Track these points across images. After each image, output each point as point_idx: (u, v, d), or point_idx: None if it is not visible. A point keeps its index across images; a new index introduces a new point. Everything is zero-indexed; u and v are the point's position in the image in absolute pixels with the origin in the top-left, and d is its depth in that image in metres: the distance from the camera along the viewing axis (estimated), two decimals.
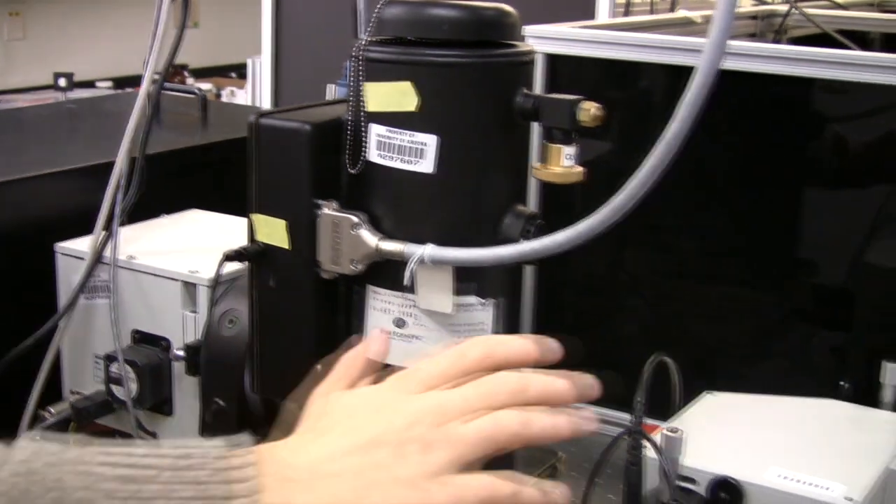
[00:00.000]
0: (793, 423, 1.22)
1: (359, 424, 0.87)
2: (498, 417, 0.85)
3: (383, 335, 1.09)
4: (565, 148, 1.12)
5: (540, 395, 0.88)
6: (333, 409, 0.91)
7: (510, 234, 1.14)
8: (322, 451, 0.85)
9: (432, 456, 0.83)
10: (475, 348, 0.91)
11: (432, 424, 0.85)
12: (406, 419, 0.85)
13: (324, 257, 1.16)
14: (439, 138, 1.11)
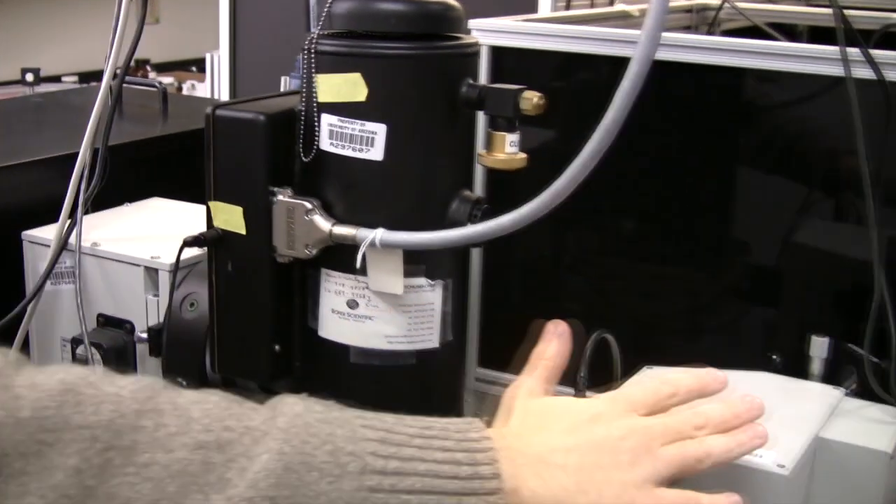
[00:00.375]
0: (727, 394, 1.22)
1: (579, 428, 0.93)
2: (685, 446, 0.94)
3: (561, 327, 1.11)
4: (509, 135, 1.12)
5: (718, 427, 0.97)
6: (548, 410, 0.97)
7: (457, 218, 1.14)
8: (547, 445, 0.91)
9: (639, 468, 0.91)
10: (666, 387, 1.00)
11: (640, 442, 0.92)
12: (620, 432, 0.92)
13: (279, 242, 1.15)
14: (388, 127, 1.10)
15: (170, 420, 0.78)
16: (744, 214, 1.60)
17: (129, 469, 0.75)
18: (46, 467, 0.73)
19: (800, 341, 1.34)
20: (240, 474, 0.77)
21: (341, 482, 0.80)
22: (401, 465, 0.82)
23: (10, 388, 0.75)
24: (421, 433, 0.86)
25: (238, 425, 0.80)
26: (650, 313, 1.62)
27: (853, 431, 1.17)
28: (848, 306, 1.47)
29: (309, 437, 0.81)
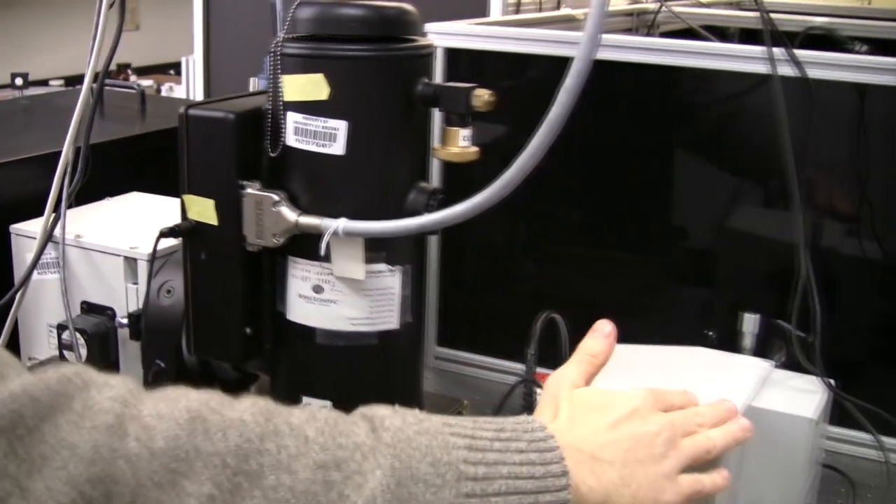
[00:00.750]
0: (665, 368, 1.22)
1: (621, 424, 0.95)
2: (697, 440, 0.98)
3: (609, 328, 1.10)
4: (462, 130, 1.12)
5: (713, 423, 1.01)
6: (591, 403, 0.97)
7: (415, 207, 1.13)
8: (597, 441, 0.92)
9: (668, 461, 0.94)
10: (679, 396, 1.03)
11: (668, 437, 0.95)
12: (655, 427, 0.95)
13: (248, 232, 1.15)
14: (349, 124, 1.10)
15: (290, 441, 0.77)
16: (681, 202, 1.61)
17: (257, 492, 0.74)
18: (180, 495, 0.71)
19: (732, 318, 1.35)
20: (357, 491, 0.77)
21: (442, 492, 0.80)
22: (488, 470, 0.83)
23: (140, 419, 0.72)
24: (497, 436, 0.86)
25: (348, 442, 0.79)
26: (595, 294, 1.63)
27: (781, 400, 1.18)
28: (776, 285, 1.48)
29: (412, 450, 0.80)
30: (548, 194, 1.61)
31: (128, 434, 0.71)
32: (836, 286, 1.50)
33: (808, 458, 1.16)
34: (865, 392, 1.34)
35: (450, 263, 1.67)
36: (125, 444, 0.70)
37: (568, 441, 0.89)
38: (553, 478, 0.86)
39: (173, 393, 0.77)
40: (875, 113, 1.42)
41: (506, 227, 1.68)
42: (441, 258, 1.65)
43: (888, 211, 1.46)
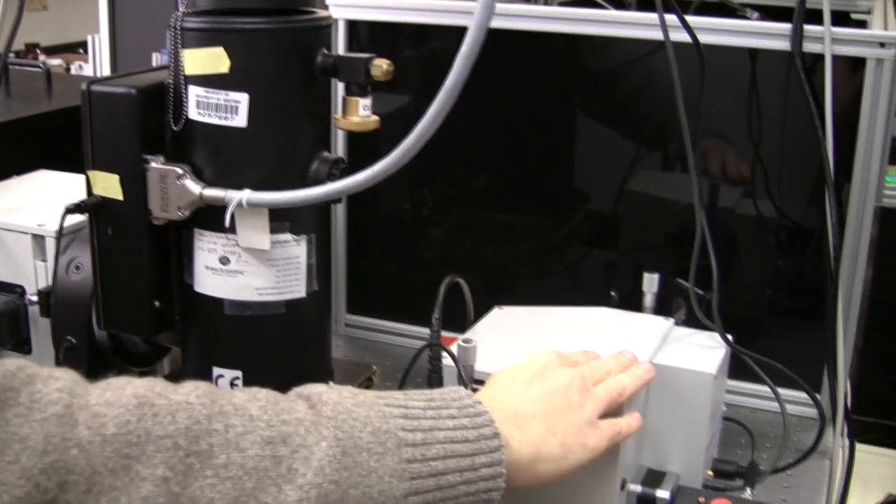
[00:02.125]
0: (570, 329, 1.23)
1: (534, 381, 1.01)
2: (608, 385, 1.04)
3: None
4: (361, 100, 1.12)
5: (618, 371, 1.08)
6: (503, 374, 1.03)
7: (318, 177, 1.13)
8: (516, 399, 0.98)
9: (586, 408, 1.00)
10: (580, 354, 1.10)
11: (581, 386, 1.01)
12: (566, 379, 1.01)
13: (154, 206, 1.14)
14: (250, 96, 1.09)
15: (236, 421, 0.78)
16: (584, 167, 1.62)
17: (209, 472, 0.74)
18: (134, 479, 0.72)
19: (635, 279, 1.36)
20: (305, 463, 0.78)
21: (385, 458, 0.82)
22: (425, 435, 0.86)
23: (89, 407, 0.72)
24: (429, 405, 0.89)
25: (291, 418, 0.80)
26: (501, 258, 1.64)
27: (682, 356, 1.19)
28: (676, 246, 1.50)
29: (353, 421, 0.82)
30: (452, 161, 1.61)
31: (78, 423, 0.71)
32: (733, 245, 1.52)
33: (709, 412, 1.18)
34: (763, 346, 1.36)
35: (357, 232, 1.67)
36: (76, 432, 0.70)
37: (490, 405, 0.93)
38: (486, 440, 0.89)
39: (117, 382, 0.77)
40: (766, 77, 1.44)
41: (412, 194, 1.68)
42: (348, 227, 1.65)
43: (781, 171, 1.48)
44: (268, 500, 0.76)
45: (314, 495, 0.77)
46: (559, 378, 1.01)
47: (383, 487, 0.82)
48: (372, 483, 0.81)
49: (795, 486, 1.33)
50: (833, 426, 1.40)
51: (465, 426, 0.88)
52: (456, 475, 0.86)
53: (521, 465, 0.93)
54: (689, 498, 1.13)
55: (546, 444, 0.95)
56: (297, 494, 0.77)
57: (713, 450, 1.28)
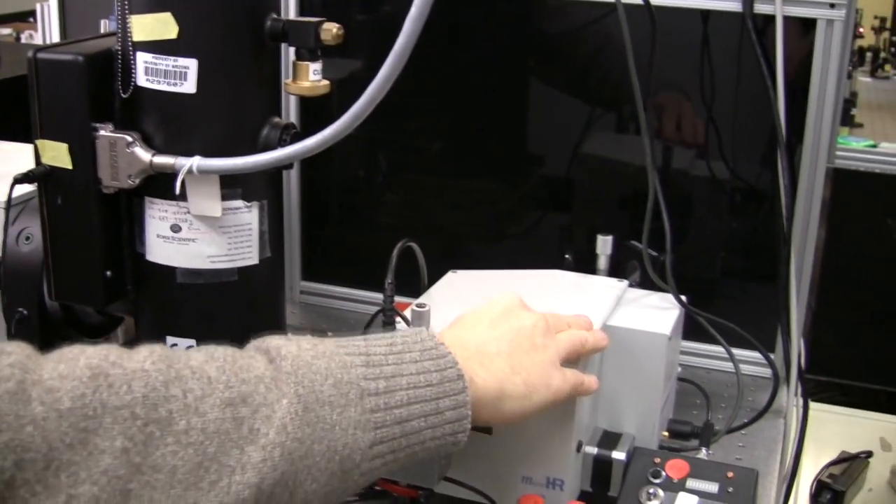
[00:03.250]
0: (525, 291, 1.22)
1: (498, 322, 1.01)
2: (570, 334, 1.05)
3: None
4: (312, 64, 1.11)
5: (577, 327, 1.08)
6: (468, 316, 1.03)
7: (268, 142, 1.12)
8: (480, 339, 0.98)
9: (549, 349, 1.00)
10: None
11: (545, 329, 1.02)
12: (530, 321, 1.01)
13: (104, 174, 1.12)
14: (199, 62, 1.07)
15: (194, 384, 0.76)
16: (538, 130, 1.61)
17: (170, 439, 0.73)
18: (93, 453, 0.70)
19: (590, 242, 1.36)
20: (266, 422, 0.77)
21: (348, 410, 0.82)
22: (388, 383, 0.85)
23: (42, 382, 0.70)
24: (390, 350, 0.88)
25: (250, 376, 0.79)
26: (457, 223, 1.63)
27: (636, 318, 1.19)
28: (631, 208, 1.50)
29: (313, 374, 0.81)
30: (407, 127, 1.60)
31: (31, 399, 0.69)
32: (687, 207, 1.52)
33: (663, 373, 1.18)
34: (717, 307, 1.36)
35: (312, 198, 1.66)
36: (30, 409, 0.68)
37: (453, 345, 0.93)
38: (450, 382, 0.89)
39: (70, 352, 0.75)
40: (718, 39, 1.44)
41: (366, 160, 1.67)
42: (302, 193, 1.64)
43: (734, 133, 1.48)
44: (230, 462, 0.75)
45: (277, 454, 0.77)
46: (523, 319, 1.02)
47: (348, 440, 0.81)
48: (336, 436, 0.81)
49: (750, 445, 1.33)
50: (787, 385, 1.41)
51: (428, 370, 0.88)
52: (420, 420, 0.86)
53: (486, 402, 0.93)
54: (645, 459, 1.13)
55: (510, 382, 0.95)
56: (260, 455, 0.76)
57: (668, 411, 1.28)
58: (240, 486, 0.75)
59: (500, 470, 1.11)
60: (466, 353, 0.93)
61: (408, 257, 1.19)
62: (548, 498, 1.08)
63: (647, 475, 1.10)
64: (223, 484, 0.74)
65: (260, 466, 0.76)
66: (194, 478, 0.73)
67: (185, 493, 0.73)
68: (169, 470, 0.72)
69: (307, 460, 0.79)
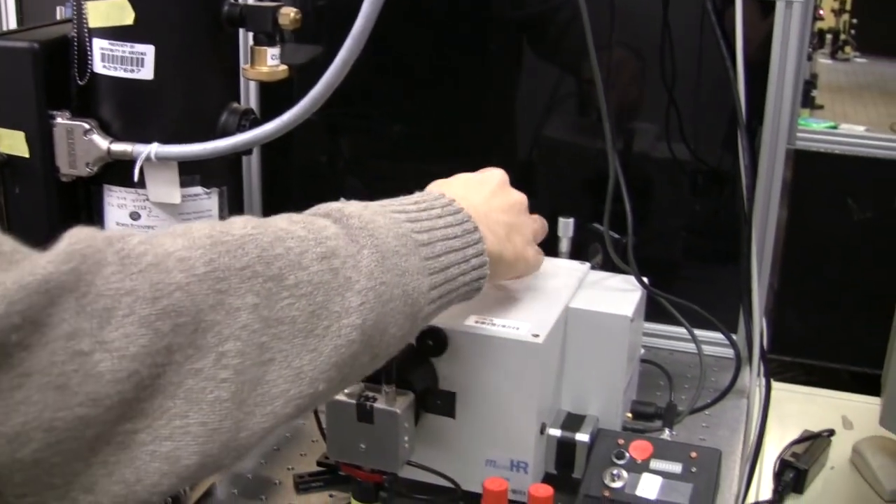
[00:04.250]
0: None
1: (497, 193, 1.10)
2: (538, 218, 1.18)
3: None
4: (270, 49, 1.10)
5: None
6: (468, 178, 1.12)
7: (227, 128, 1.11)
8: (487, 205, 1.06)
9: (527, 228, 1.13)
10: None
11: (525, 208, 1.14)
12: (518, 197, 1.13)
13: (61, 162, 1.11)
14: (156, 48, 1.06)
15: (292, 243, 0.81)
16: (501, 114, 1.61)
17: (285, 293, 0.78)
18: (230, 311, 0.74)
19: (552, 225, 1.36)
20: (356, 270, 0.83)
21: (410, 259, 0.89)
22: (429, 235, 0.93)
23: (173, 254, 0.73)
24: (419, 207, 0.96)
25: (329, 233, 0.84)
26: None
27: (598, 300, 1.19)
28: (592, 191, 1.50)
29: (378, 228, 0.88)
30: (368, 112, 1.60)
31: (171, 269, 0.72)
32: (648, 189, 1.53)
33: (626, 355, 1.18)
34: (679, 288, 1.37)
35: (274, 185, 1.65)
36: (173, 277, 0.72)
37: (467, 204, 1.01)
38: (469, 234, 0.98)
39: (174, 231, 0.78)
40: (678, 20, 1.44)
41: (327, 145, 1.66)
42: (264, 180, 1.63)
43: (695, 114, 1.49)
44: (336, 308, 0.81)
45: (372, 297, 0.83)
46: (514, 195, 1.12)
47: (416, 284, 0.89)
48: (408, 281, 0.88)
49: (714, 425, 1.34)
50: (749, 366, 1.41)
51: (451, 224, 0.96)
52: (455, 267, 0.95)
53: (491, 258, 1.01)
54: (609, 440, 1.13)
55: (506, 249, 1.05)
56: (358, 299, 0.82)
57: (632, 392, 1.28)
58: (348, 328, 0.81)
59: (463, 453, 1.11)
60: (477, 216, 1.01)
61: None
62: (512, 480, 1.08)
63: (611, 456, 1.11)
64: (335, 328, 0.80)
65: (360, 309, 0.82)
66: (311, 325, 0.79)
67: (307, 340, 0.79)
68: (290, 321, 0.78)
69: (392, 303, 0.86)
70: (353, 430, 1.06)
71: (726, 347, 1.44)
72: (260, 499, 1.18)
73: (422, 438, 1.10)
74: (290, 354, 0.78)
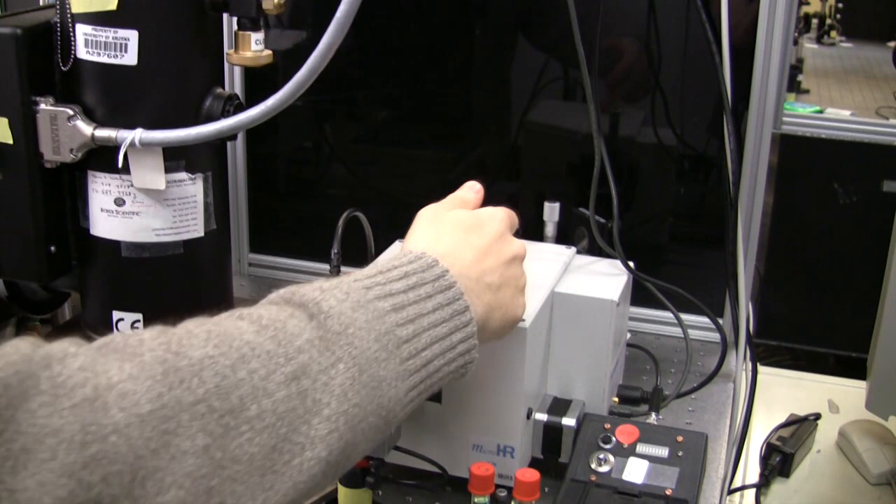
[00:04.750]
0: None
1: (493, 246, 0.97)
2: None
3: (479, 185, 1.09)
4: (254, 34, 1.10)
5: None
6: (461, 219, 0.99)
7: (211, 113, 1.11)
8: (479, 267, 0.94)
9: (523, 278, 1.01)
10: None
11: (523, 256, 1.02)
12: (517, 250, 1.00)
13: (45, 148, 1.11)
14: (139, 33, 1.06)
15: (256, 364, 0.71)
16: (485, 99, 1.61)
17: (244, 427, 0.68)
18: (175, 456, 0.64)
19: (537, 209, 1.36)
20: (326, 391, 0.74)
21: (389, 364, 0.80)
22: (414, 327, 0.83)
23: (115, 386, 0.63)
24: (408, 285, 0.86)
25: (302, 343, 0.75)
26: (404, 193, 1.62)
27: (584, 284, 1.19)
28: (577, 175, 1.50)
29: (359, 331, 0.78)
30: (353, 97, 1.59)
31: (109, 405, 0.63)
32: (634, 173, 1.52)
33: (612, 339, 1.18)
34: (666, 273, 1.37)
35: (259, 171, 1.64)
36: (111, 416, 0.62)
37: (459, 270, 0.91)
38: (459, 315, 0.88)
39: (125, 344, 0.69)
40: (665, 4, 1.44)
41: (312, 131, 1.66)
42: (249, 165, 1.62)
43: (682, 99, 1.48)
44: (300, 439, 0.72)
45: (342, 423, 0.75)
46: (511, 248, 1.00)
47: (392, 393, 0.80)
48: (384, 392, 0.79)
49: (700, 409, 1.34)
50: (736, 350, 1.41)
51: (440, 305, 0.87)
52: (440, 359, 0.86)
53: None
54: (595, 425, 1.13)
55: (492, 318, 0.95)
56: (326, 427, 0.74)
57: (618, 376, 1.29)
58: (311, 462, 0.72)
59: (450, 438, 1.11)
60: (469, 284, 0.91)
61: (357, 228, 1.19)
62: (498, 465, 1.08)
63: (598, 441, 1.11)
64: (296, 462, 0.72)
65: (328, 439, 0.74)
66: (270, 462, 0.70)
67: (263, 479, 0.69)
68: (247, 459, 0.69)
69: (364, 423, 0.77)
70: None
71: (712, 332, 1.44)
72: None
73: (408, 423, 1.10)
74: (244, 496, 0.68)
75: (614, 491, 1.06)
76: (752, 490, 1.40)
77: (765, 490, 1.41)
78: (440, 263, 0.89)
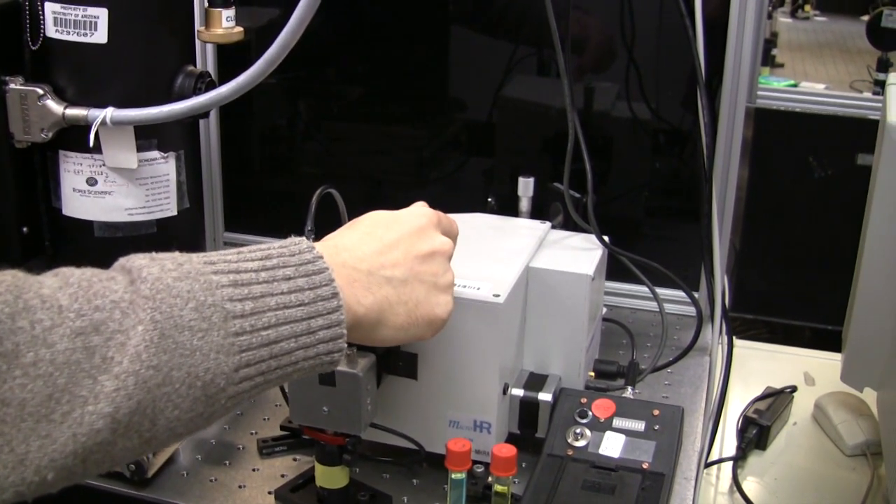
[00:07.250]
0: None
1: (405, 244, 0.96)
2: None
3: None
4: (224, 11, 1.10)
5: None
6: (378, 218, 0.99)
7: (183, 91, 1.10)
8: (376, 260, 0.93)
9: (446, 277, 0.98)
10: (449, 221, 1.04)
11: (447, 257, 0.99)
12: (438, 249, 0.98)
13: (16, 128, 1.10)
14: (109, 10, 1.05)
15: (43, 315, 0.71)
16: (460, 75, 1.61)
17: (17, 372, 0.69)
18: None
19: (512, 184, 1.36)
20: (120, 350, 0.73)
21: (210, 335, 0.78)
22: (255, 304, 0.81)
23: None
24: (263, 266, 0.83)
25: (105, 302, 0.74)
26: (380, 169, 1.62)
27: (559, 259, 1.19)
28: (552, 150, 1.50)
29: (172, 298, 0.76)
30: (327, 74, 1.59)
31: None
32: (609, 148, 1.53)
33: (588, 314, 1.18)
34: (641, 247, 1.37)
35: (233, 149, 1.64)
36: None
37: (343, 259, 0.90)
38: (323, 301, 0.85)
39: None
40: None
41: (286, 108, 1.65)
42: (223, 143, 1.62)
43: (656, 73, 1.49)
44: (83, 392, 0.72)
45: (132, 383, 0.73)
46: (428, 243, 0.98)
47: (209, 365, 0.78)
48: (197, 362, 0.77)
49: (676, 383, 1.35)
50: (711, 323, 1.42)
51: (300, 287, 0.84)
52: (291, 341, 0.83)
53: (361, 326, 0.91)
54: (572, 399, 1.13)
55: (392, 311, 0.93)
56: (114, 384, 0.73)
57: (594, 351, 1.29)
58: (93, 416, 0.72)
59: (426, 415, 1.11)
60: (355, 275, 0.90)
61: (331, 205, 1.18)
62: (475, 441, 1.08)
63: (574, 415, 1.11)
64: (76, 415, 0.71)
65: (113, 396, 0.73)
66: (45, 409, 0.70)
67: (37, 425, 0.70)
68: (18, 403, 0.69)
69: (166, 387, 0.76)
70: (315, 393, 1.05)
71: (688, 305, 1.44)
72: (224, 464, 1.17)
73: (384, 400, 1.10)
74: (15, 439, 0.69)
75: (591, 465, 1.06)
76: (728, 463, 1.40)
77: (741, 463, 1.42)
78: (315, 251, 0.87)
